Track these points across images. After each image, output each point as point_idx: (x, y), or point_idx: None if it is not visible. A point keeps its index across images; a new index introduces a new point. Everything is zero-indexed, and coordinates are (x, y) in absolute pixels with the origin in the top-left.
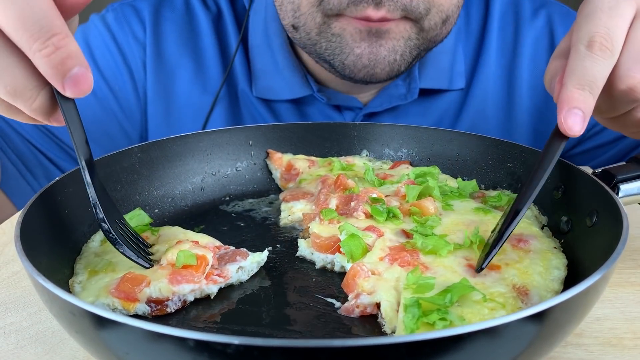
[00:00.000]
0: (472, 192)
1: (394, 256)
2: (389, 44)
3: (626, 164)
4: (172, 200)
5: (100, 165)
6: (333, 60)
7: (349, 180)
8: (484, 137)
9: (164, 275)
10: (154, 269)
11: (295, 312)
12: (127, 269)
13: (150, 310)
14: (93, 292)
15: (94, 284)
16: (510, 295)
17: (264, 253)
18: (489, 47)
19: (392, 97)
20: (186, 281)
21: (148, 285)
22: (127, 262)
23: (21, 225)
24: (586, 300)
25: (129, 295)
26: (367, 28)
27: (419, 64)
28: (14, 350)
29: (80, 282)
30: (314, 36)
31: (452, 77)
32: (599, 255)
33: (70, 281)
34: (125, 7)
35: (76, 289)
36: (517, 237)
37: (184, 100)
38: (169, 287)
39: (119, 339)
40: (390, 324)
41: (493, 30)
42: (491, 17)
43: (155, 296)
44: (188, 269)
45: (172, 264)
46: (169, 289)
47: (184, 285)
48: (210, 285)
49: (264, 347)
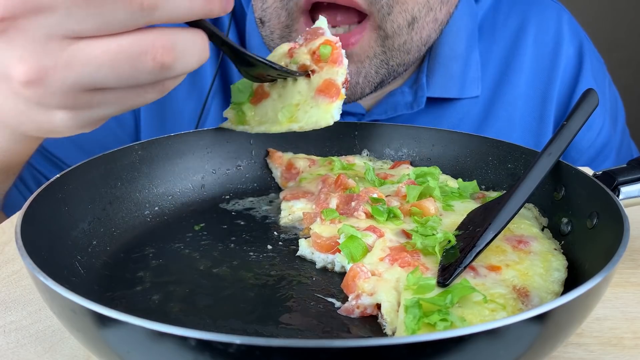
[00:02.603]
0: (473, 192)
1: (394, 257)
2: (351, 67)
3: (627, 166)
4: (172, 198)
5: (100, 162)
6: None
7: (350, 179)
8: (485, 138)
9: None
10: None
11: (295, 311)
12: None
13: (345, 90)
14: (321, 114)
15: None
16: (510, 296)
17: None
18: (522, 62)
19: (397, 105)
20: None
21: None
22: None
23: (21, 223)
24: (587, 302)
25: (336, 92)
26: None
27: (427, 71)
28: (14, 348)
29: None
30: (276, 38)
31: (464, 85)
32: (600, 257)
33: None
34: None
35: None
36: (518, 238)
37: (179, 107)
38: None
39: (119, 337)
40: (391, 325)
41: (527, 47)
42: (526, 31)
43: (344, 79)
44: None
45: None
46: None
47: None
48: None
49: (266, 346)
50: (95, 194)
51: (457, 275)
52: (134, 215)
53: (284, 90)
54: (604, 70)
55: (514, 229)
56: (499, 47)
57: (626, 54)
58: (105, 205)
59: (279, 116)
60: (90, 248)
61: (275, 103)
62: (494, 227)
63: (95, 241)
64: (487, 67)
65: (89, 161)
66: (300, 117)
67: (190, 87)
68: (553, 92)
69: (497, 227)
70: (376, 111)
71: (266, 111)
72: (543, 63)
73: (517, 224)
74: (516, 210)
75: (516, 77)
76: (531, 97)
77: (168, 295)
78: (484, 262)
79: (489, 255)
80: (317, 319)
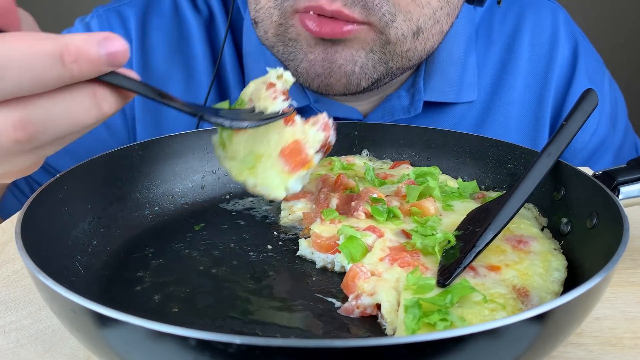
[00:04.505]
0: (473, 192)
1: (394, 257)
2: (345, 52)
3: (627, 166)
4: (172, 197)
5: (99, 162)
6: (288, 66)
7: (350, 179)
8: (485, 138)
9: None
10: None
11: (296, 311)
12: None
13: (321, 156)
14: (275, 181)
15: (268, 177)
16: (510, 296)
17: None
18: (518, 65)
19: (394, 110)
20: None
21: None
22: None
23: (22, 223)
24: (587, 302)
25: (303, 162)
26: (320, 35)
27: (424, 74)
28: (14, 348)
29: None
30: (270, 37)
31: (460, 89)
32: (600, 257)
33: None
34: (111, 13)
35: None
36: (517, 238)
37: (175, 115)
38: (321, 134)
39: (120, 337)
40: (391, 325)
41: (523, 49)
42: (522, 34)
43: (320, 145)
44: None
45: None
46: (321, 136)
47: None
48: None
49: (266, 346)
50: (95, 194)
51: (457, 275)
52: (134, 215)
53: (256, 130)
54: (603, 69)
55: (514, 229)
56: (496, 51)
57: (626, 54)
58: (105, 205)
59: (241, 162)
60: (90, 248)
61: (247, 141)
62: (493, 227)
63: (95, 241)
64: (483, 71)
65: (89, 161)
66: (259, 173)
67: (188, 98)
68: (549, 93)
69: (497, 227)
70: (373, 117)
71: (238, 148)
72: (539, 65)
73: (517, 224)
74: (516, 210)
75: (513, 80)
76: (527, 99)
77: (168, 295)
78: (483, 262)
79: (488, 255)
80: (317, 319)
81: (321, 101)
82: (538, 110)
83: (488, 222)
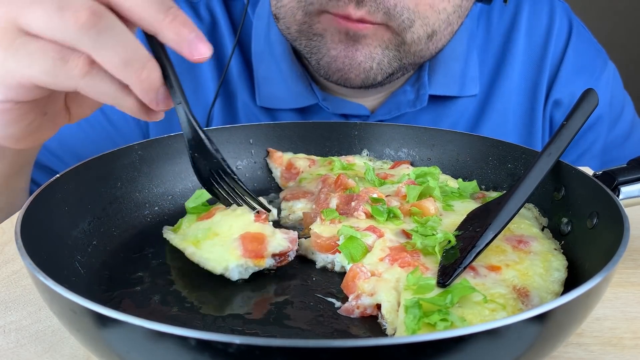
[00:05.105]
0: (473, 192)
1: (394, 257)
2: (365, 49)
3: (627, 166)
4: (172, 198)
5: (100, 162)
6: (310, 58)
7: (350, 179)
8: (485, 138)
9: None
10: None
11: (295, 311)
12: (227, 227)
13: (274, 262)
14: (221, 259)
15: (213, 251)
16: (510, 296)
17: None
18: (515, 55)
19: (400, 104)
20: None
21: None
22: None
23: (21, 223)
24: (588, 302)
25: (257, 254)
26: (345, 29)
27: (429, 69)
28: (14, 348)
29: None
30: (293, 32)
31: (464, 83)
32: (600, 257)
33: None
34: None
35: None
36: (518, 238)
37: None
38: (286, 242)
39: (119, 337)
40: (391, 325)
41: (520, 39)
42: (519, 24)
43: (279, 251)
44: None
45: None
46: (286, 244)
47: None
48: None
49: (266, 346)
50: (95, 194)
51: (457, 276)
52: (133, 215)
53: (224, 216)
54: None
55: (514, 229)
56: (494, 44)
57: (626, 54)
58: (105, 205)
59: (189, 235)
60: (90, 248)
61: (207, 224)
62: (494, 227)
63: (95, 241)
64: (483, 64)
65: (89, 161)
66: (204, 246)
67: (195, 106)
68: (543, 81)
69: (497, 227)
70: (380, 112)
71: (192, 231)
72: (534, 54)
73: (517, 224)
74: (516, 211)
75: (510, 71)
76: (523, 88)
77: (168, 295)
78: (484, 262)
79: (489, 255)
80: (317, 319)
81: (329, 99)
82: (533, 99)
83: (488, 222)
